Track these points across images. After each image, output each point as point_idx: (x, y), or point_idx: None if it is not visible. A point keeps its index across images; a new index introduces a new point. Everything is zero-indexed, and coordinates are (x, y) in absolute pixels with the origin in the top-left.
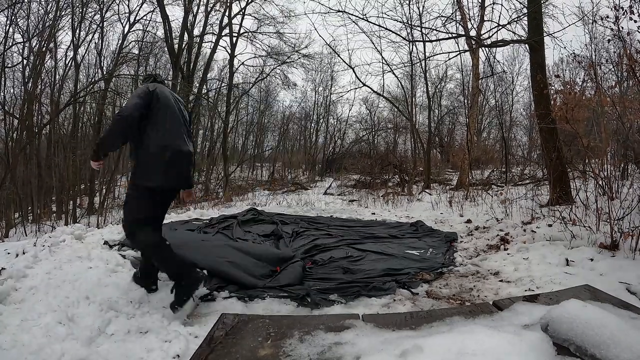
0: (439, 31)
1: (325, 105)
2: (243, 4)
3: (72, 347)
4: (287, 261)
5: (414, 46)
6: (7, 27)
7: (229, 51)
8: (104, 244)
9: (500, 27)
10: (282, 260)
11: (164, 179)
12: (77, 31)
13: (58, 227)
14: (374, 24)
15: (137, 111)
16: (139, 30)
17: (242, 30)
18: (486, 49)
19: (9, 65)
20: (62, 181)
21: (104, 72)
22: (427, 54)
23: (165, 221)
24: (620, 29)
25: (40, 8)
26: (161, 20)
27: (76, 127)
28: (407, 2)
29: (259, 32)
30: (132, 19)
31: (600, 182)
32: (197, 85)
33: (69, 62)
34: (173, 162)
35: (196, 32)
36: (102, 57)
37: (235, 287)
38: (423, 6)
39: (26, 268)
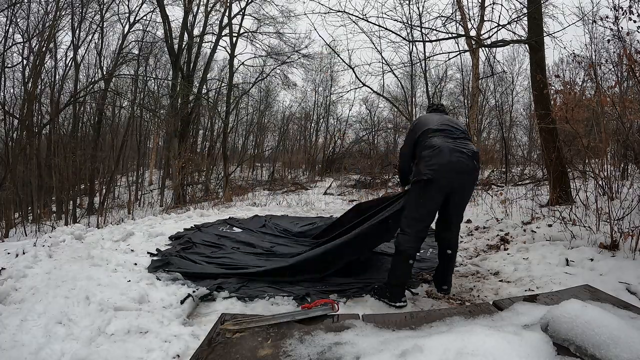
0: (439, 31)
1: (325, 105)
2: (243, 4)
3: (71, 347)
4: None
5: (414, 46)
6: (7, 27)
7: (229, 51)
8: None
9: (500, 27)
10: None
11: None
12: (77, 31)
13: (58, 227)
14: (374, 24)
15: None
16: (139, 30)
17: (242, 30)
18: (486, 49)
19: (9, 65)
20: (62, 181)
21: (104, 72)
22: (427, 54)
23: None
24: (620, 29)
25: (40, 8)
26: (161, 21)
27: (76, 127)
28: (407, 2)
29: (259, 32)
30: (132, 19)
31: (600, 182)
32: (197, 85)
33: (69, 62)
34: None
35: (196, 32)
36: (102, 57)
37: (235, 287)
38: (423, 6)
39: (26, 268)
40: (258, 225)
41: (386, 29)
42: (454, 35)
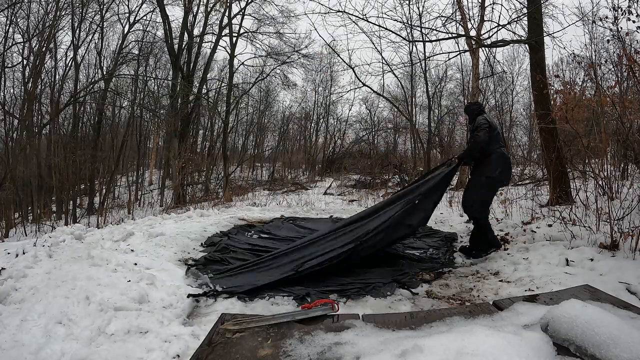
0: (439, 31)
1: (325, 105)
2: (243, 4)
3: (71, 347)
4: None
5: (414, 46)
6: (7, 27)
7: (229, 51)
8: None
9: (500, 27)
10: None
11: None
12: (77, 31)
13: (58, 227)
14: (374, 24)
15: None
16: (139, 30)
17: (242, 30)
18: (486, 49)
19: (9, 65)
20: (62, 181)
21: (104, 72)
22: (427, 54)
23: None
24: (619, 29)
25: (40, 8)
26: (161, 20)
27: (76, 127)
28: (407, 2)
29: (259, 32)
30: (132, 19)
31: (600, 182)
32: (197, 85)
33: (69, 62)
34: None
35: (196, 32)
36: (102, 57)
37: (236, 287)
38: (423, 6)
39: (26, 268)
40: (285, 232)
41: (386, 29)
42: (454, 35)
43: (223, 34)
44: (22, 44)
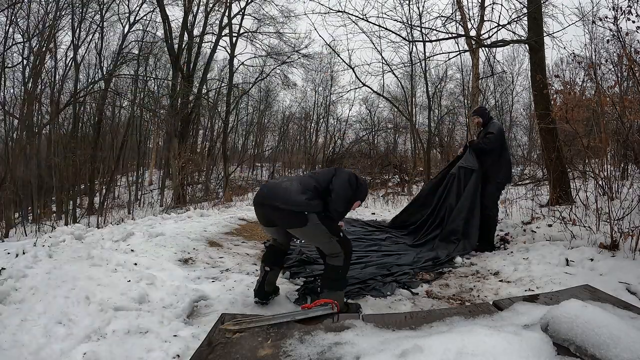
0: (439, 31)
1: (325, 105)
2: (243, 4)
3: (71, 347)
4: None
5: (414, 46)
6: (7, 27)
7: (229, 51)
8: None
9: (500, 27)
10: None
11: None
12: (77, 31)
13: (58, 227)
14: (374, 24)
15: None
16: (139, 30)
17: (242, 30)
18: (486, 49)
19: (9, 65)
20: (62, 181)
21: (104, 72)
22: (427, 54)
23: None
24: (619, 29)
25: (40, 8)
26: (161, 21)
27: (76, 127)
28: (407, 2)
29: (259, 32)
30: (132, 19)
31: (600, 182)
32: (197, 85)
33: (69, 62)
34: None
35: (196, 32)
36: (102, 57)
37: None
38: (423, 6)
39: (26, 268)
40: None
41: (386, 29)
42: (454, 35)
43: (223, 34)
44: (22, 44)
